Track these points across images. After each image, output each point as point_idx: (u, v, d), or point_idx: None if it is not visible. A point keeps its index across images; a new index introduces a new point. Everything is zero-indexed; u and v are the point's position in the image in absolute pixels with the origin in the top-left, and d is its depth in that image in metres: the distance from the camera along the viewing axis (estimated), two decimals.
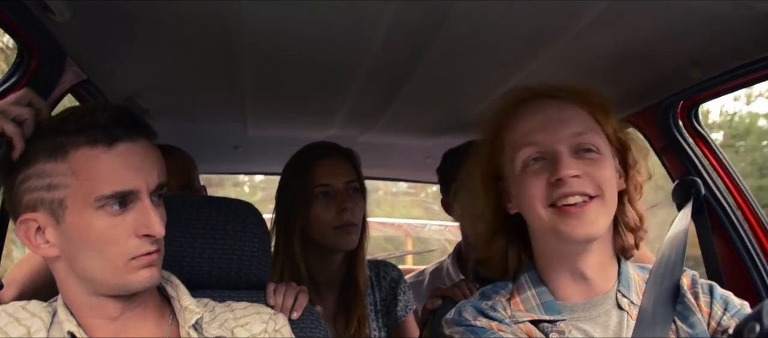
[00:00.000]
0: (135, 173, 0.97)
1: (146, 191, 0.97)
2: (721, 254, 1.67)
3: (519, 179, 1.09)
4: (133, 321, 1.04)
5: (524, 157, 1.08)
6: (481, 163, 1.17)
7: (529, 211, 1.09)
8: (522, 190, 1.08)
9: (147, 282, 1.00)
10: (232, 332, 1.10)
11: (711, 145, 1.74)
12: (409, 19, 1.32)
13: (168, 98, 1.94)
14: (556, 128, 1.07)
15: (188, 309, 1.07)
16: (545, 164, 1.07)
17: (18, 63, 1.41)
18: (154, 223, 0.97)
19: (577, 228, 1.03)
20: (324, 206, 1.70)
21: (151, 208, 0.97)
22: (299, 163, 1.77)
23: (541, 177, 1.06)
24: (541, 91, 1.13)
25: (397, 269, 1.89)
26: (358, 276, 1.74)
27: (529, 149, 1.08)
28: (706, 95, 1.64)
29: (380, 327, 1.81)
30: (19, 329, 1.00)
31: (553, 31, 1.37)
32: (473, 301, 1.15)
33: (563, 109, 1.10)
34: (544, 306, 1.10)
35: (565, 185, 1.03)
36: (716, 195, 1.71)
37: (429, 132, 2.28)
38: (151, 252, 0.98)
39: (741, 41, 1.35)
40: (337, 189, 1.71)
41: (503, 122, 1.14)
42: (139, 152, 0.98)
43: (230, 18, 1.32)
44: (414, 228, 6.10)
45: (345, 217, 1.68)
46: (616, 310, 1.10)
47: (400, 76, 1.69)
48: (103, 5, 1.28)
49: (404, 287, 1.85)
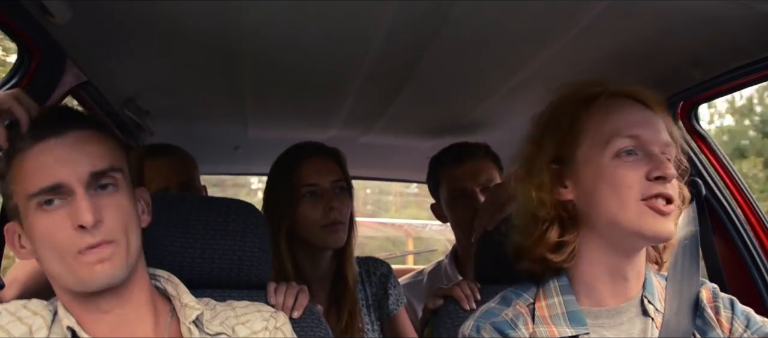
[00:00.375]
0: (62, 165, 0.95)
1: (78, 181, 0.95)
2: (721, 254, 1.67)
3: (606, 168, 1.06)
4: (130, 318, 1.03)
5: (619, 147, 1.05)
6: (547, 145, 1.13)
7: (612, 201, 1.05)
8: (609, 179, 1.05)
9: (105, 278, 0.96)
10: (232, 329, 1.10)
11: (711, 145, 1.74)
12: (408, 20, 1.32)
13: (168, 98, 1.95)
14: (655, 130, 1.08)
15: (189, 305, 1.08)
16: (641, 158, 1.05)
17: (18, 65, 1.42)
18: (81, 211, 0.93)
19: (664, 228, 1.03)
20: (311, 206, 1.71)
21: (84, 198, 0.94)
22: (285, 163, 1.78)
23: (638, 171, 1.04)
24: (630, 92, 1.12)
25: (385, 264, 1.91)
26: (347, 272, 1.76)
27: (627, 140, 1.06)
28: (706, 95, 1.64)
29: (373, 320, 1.83)
30: (21, 327, 1.00)
31: (553, 31, 1.37)
32: (494, 311, 1.13)
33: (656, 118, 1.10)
34: (570, 315, 1.08)
35: (663, 185, 1.03)
36: (717, 195, 1.71)
37: (429, 133, 2.28)
38: (93, 245, 0.95)
39: (741, 41, 1.34)
40: (324, 188, 1.72)
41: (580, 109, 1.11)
42: (66, 144, 0.97)
43: (230, 19, 1.33)
44: (415, 228, 6.10)
45: (332, 215, 1.70)
46: (640, 317, 1.09)
47: (399, 77, 1.69)
48: (103, 6, 1.28)
49: (394, 281, 1.87)
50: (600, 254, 1.09)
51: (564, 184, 1.10)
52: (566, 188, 1.10)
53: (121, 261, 0.97)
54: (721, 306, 1.11)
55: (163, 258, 1.21)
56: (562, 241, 1.10)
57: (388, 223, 6.39)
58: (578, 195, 1.09)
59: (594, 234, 1.09)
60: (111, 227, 0.96)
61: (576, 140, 1.09)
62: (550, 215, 1.10)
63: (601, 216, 1.07)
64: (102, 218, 0.95)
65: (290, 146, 1.82)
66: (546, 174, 1.10)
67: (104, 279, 0.96)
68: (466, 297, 1.44)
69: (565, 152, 1.11)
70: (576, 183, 1.09)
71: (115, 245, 0.97)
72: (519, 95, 1.77)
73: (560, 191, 1.10)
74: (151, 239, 1.12)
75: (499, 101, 1.85)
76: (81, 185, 0.95)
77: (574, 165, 1.09)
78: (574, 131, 1.10)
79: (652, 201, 1.03)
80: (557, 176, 1.11)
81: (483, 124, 2.12)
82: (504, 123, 2.10)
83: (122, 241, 0.97)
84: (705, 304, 1.12)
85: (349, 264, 1.77)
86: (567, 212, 1.10)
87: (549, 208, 1.10)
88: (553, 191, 1.10)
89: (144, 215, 1.08)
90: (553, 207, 1.10)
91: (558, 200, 1.10)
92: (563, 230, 1.10)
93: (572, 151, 1.10)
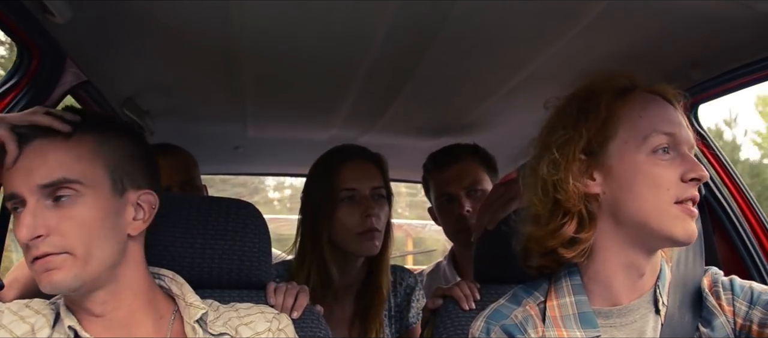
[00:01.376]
0: (18, 175, 0.96)
1: (29, 192, 0.95)
2: (721, 254, 1.67)
3: (643, 165, 1.04)
4: (123, 323, 1.03)
5: (656, 143, 1.04)
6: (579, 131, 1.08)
7: (647, 200, 1.03)
8: (646, 177, 1.03)
9: (52, 287, 0.96)
10: (236, 330, 1.10)
11: (711, 145, 1.74)
12: (409, 20, 1.32)
13: (168, 98, 1.94)
14: (686, 131, 1.07)
15: (193, 305, 1.08)
16: (675, 158, 1.04)
17: (18, 64, 1.42)
18: (21, 226, 0.94)
19: (693, 230, 1.02)
20: (348, 211, 1.67)
21: (28, 212, 0.95)
22: (325, 165, 1.74)
23: (674, 170, 1.03)
24: (661, 90, 1.11)
25: (413, 275, 1.86)
26: (381, 282, 1.72)
27: (664, 137, 1.04)
28: (706, 95, 1.64)
29: (392, 332, 1.80)
30: (23, 327, 1.01)
31: (553, 31, 1.37)
32: (503, 311, 1.11)
33: (682, 117, 1.09)
34: (581, 317, 1.07)
35: (696, 187, 1.02)
36: (716, 195, 1.71)
37: (429, 133, 2.28)
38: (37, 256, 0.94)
39: (741, 41, 1.34)
40: (363, 194, 1.68)
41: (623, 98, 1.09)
42: (27, 153, 0.97)
43: (230, 19, 1.32)
44: (414, 229, 6.10)
45: (369, 223, 1.65)
46: (652, 314, 1.08)
47: (400, 77, 1.69)
48: (102, 6, 1.28)
49: (418, 294, 1.84)
50: (620, 250, 1.07)
51: (592, 176, 1.07)
52: (594, 181, 1.06)
53: (73, 272, 0.96)
54: (720, 290, 1.10)
55: (163, 258, 1.21)
56: (577, 237, 1.06)
57: None
58: (607, 190, 1.06)
59: (618, 230, 1.06)
60: (61, 241, 0.95)
61: (612, 131, 1.06)
62: (574, 208, 1.06)
63: (632, 213, 1.04)
64: (49, 232, 0.95)
65: (289, 146, 1.81)
66: (576, 163, 1.06)
67: (51, 288, 0.97)
68: (466, 297, 1.44)
69: (599, 142, 1.06)
70: (606, 177, 1.06)
71: (67, 256, 0.96)
72: (519, 95, 1.77)
73: (587, 183, 1.07)
74: (151, 240, 1.11)
75: (499, 101, 1.85)
76: (32, 196, 0.95)
77: (606, 157, 1.06)
78: (611, 121, 1.06)
79: (685, 205, 1.02)
80: (586, 167, 1.07)
81: (483, 124, 2.12)
82: (504, 123, 2.10)
83: (77, 251, 0.96)
84: (706, 293, 1.10)
85: (383, 273, 1.73)
86: (588, 206, 1.07)
87: (575, 200, 1.06)
88: (581, 182, 1.06)
89: (136, 222, 1.04)
90: (578, 199, 1.06)
91: (584, 193, 1.07)
92: (580, 226, 1.07)
93: (606, 142, 1.06)
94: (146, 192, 1.06)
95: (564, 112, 1.11)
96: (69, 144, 0.99)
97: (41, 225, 0.95)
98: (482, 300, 1.42)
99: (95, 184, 0.99)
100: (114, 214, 1.01)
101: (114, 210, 1.01)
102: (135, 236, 1.05)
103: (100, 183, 0.99)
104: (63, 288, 0.97)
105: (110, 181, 1.01)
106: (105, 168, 1.00)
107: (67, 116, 1.00)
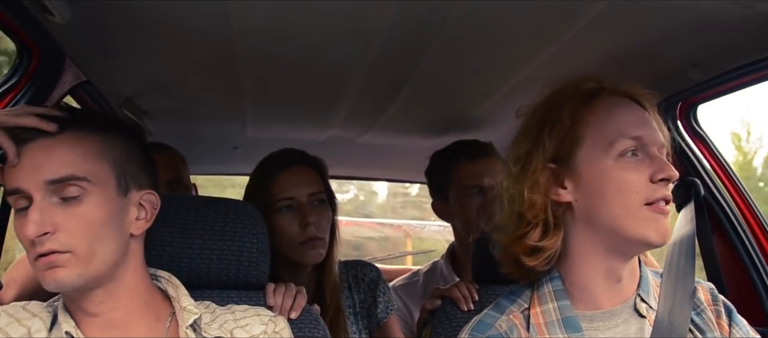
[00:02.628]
0: (23, 171, 0.96)
1: (35, 189, 0.95)
2: (721, 254, 1.67)
3: (610, 170, 1.03)
4: (119, 324, 1.03)
5: (622, 148, 1.03)
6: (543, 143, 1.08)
7: (617, 205, 1.03)
8: (614, 182, 1.03)
9: (55, 284, 0.96)
10: (231, 333, 1.10)
11: (710, 145, 1.74)
12: (408, 20, 1.32)
13: (167, 98, 1.94)
14: (654, 132, 1.06)
15: (187, 309, 1.07)
16: (643, 160, 1.04)
17: (17, 64, 1.42)
18: (28, 223, 0.94)
19: (666, 230, 1.02)
20: (287, 220, 1.64)
21: (35, 208, 0.94)
22: (262, 173, 1.71)
23: (643, 172, 1.03)
24: (628, 91, 1.11)
25: (375, 269, 1.83)
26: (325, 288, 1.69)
27: (630, 141, 1.04)
28: (706, 95, 1.64)
29: (361, 329, 1.77)
30: (20, 329, 1.00)
31: (553, 31, 1.37)
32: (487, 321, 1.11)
33: (651, 118, 1.09)
34: (565, 321, 1.07)
35: (666, 188, 1.02)
36: (716, 196, 1.71)
37: (429, 132, 2.28)
38: (42, 254, 0.94)
39: (741, 41, 1.35)
40: (301, 202, 1.65)
41: (588, 104, 1.09)
42: (32, 150, 0.97)
43: (230, 19, 1.32)
44: (413, 229, 6.09)
45: (309, 232, 1.63)
46: (635, 318, 1.07)
47: (399, 77, 1.69)
48: (102, 6, 1.28)
49: (383, 287, 1.80)
50: (597, 256, 1.07)
51: (563, 185, 1.07)
52: (566, 189, 1.07)
53: (77, 270, 0.96)
54: (721, 310, 1.10)
55: (161, 259, 1.21)
56: (539, 246, 1.07)
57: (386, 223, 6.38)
58: (579, 197, 1.06)
59: (594, 236, 1.06)
60: (66, 238, 0.95)
61: (579, 138, 1.06)
62: (537, 218, 1.07)
63: (604, 219, 1.04)
64: (55, 229, 0.95)
65: (289, 145, 1.80)
66: (542, 174, 1.07)
67: (55, 285, 0.96)
68: (464, 298, 1.44)
69: (565, 152, 1.07)
70: (577, 184, 1.06)
71: (71, 255, 0.95)
72: (519, 95, 1.76)
73: (559, 192, 1.07)
74: (148, 240, 1.11)
75: (499, 101, 1.85)
76: (39, 192, 0.95)
77: (575, 165, 1.06)
78: (576, 129, 1.07)
79: (656, 205, 1.02)
80: (555, 177, 1.07)
81: (483, 123, 2.12)
82: (504, 123, 2.09)
83: (81, 250, 0.96)
84: (704, 306, 1.11)
85: (327, 279, 1.70)
86: (555, 215, 1.07)
87: (538, 211, 1.06)
88: (548, 193, 1.07)
89: (139, 221, 1.04)
90: (542, 210, 1.06)
91: (553, 201, 1.07)
92: (544, 235, 1.07)
93: (573, 150, 1.06)
94: (148, 192, 1.06)
95: (528, 124, 1.12)
96: (75, 141, 0.98)
97: (49, 222, 0.94)
98: (481, 301, 1.42)
99: (102, 182, 0.99)
100: (119, 213, 1.01)
101: (119, 209, 1.01)
102: (137, 236, 1.05)
103: (106, 182, 0.99)
104: (67, 286, 0.97)
105: (115, 180, 1.01)
106: (111, 167, 1.00)
107: (52, 114, 0.99)
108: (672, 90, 1.64)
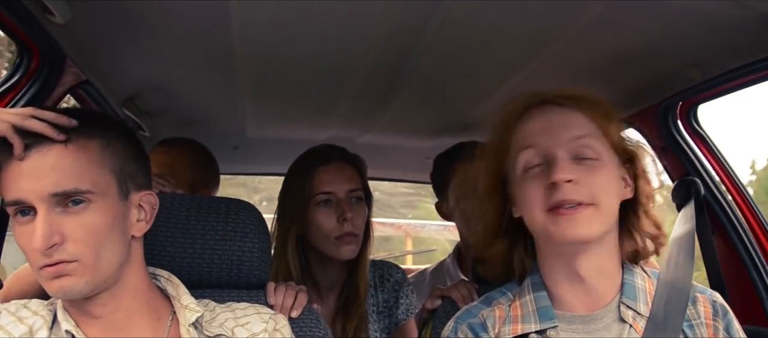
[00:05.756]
0: (26, 181, 0.94)
1: (39, 200, 0.94)
2: (721, 254, 1.67)
3: (520, 183, 1.09)
4: (121, 325, 1.03)
5: (524, 160, 1.08)
6: (487, 165, 1.16)
7: (527, 215, 1.09)
8: (522, 193, 1.09)
9: (62, 292, 0.96)
10: (232, 331, 1.10)
11: (710, 145, 1.74)
12: (408, 21, 1.32)
13: (167, 98, 1.94)
14: (556, 132, 1.07)
15: (188, 307, 1.07)
16: (544, 168, 1.06)
17: (18, 64, 1.42)
18: (35, 235, 0.92)
19: (567, 230, 1.03)
20: (325, 215, 1.66)
21: (42, 220, 0.93)
22: (302, 167, 1.72)
23: (540, 181, 1.06)
24: (546, 96, 1.12)
25: (401, 271, 1.85)
26: (359, 284, 1.71)
27: (529, 151, 1.08)
28: (706, 95, 1.64)
29: (381, 328, 1.79)
30: (21, 328, 1.00)
31: (553, 32, 1.37)
32: (472, 311, 1.17)
33: (566, 114, 1.09)
34: (539, 312, 1.09)
35: (558, 191, 1.03)
36: (716, 195, 1.71)
37: (428, 133, 2.28)
38: (50, 264, 0.94)
39: (741, 41, 1.35)
40: (339, 198, 1.67)
41: (509, 125, 1.13)
42: (32, 157, 0.95)
43: (230, 19, 1.33)
44: (414, 228, 6.09)
45: (345, 227, 1.64)
46: (617, 324, 1.07)
47: (399, 78, 1.69)
48: (102, 6, 1.28)
49: (407, 290, 1.82)
50: (551, 262, 1.12)
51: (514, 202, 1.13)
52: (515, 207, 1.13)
53: (84, 279, 0.96)
54: (720, 328, 1.09)
55: (163, 258, 1.21)
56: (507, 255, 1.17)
57: (387, 223, 6.37)
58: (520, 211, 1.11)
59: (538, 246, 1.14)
60: (73, 248, 0.95)
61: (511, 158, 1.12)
62: (497, 234, 1.16)
63: (530, 229, 1.11)
64: (63, 239, 0.94)
65: (289, 146, 1.81)
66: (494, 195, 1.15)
67: (62, 293, 0.96)
68: (464, 298, 1.44)
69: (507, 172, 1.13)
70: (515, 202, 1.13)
71: (78, 263, 0.95)
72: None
73: (513, 209, 1.13)
74: (150, 240, 1.11)
75: (499, 101, 1.85)
76: (43, 204, 0.94)
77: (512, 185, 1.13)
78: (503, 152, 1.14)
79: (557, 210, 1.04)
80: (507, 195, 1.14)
81: (483, 124, 2.11)
82: None
83: (87, 258, 0.96)
84: (702, 320, 1.09)
85: (361, 276, 1.72)
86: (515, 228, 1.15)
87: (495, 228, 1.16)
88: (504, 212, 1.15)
89: (140, 223, 1.04)
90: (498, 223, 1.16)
91: (511, 217, 1.14)
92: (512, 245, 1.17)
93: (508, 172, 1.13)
94: (147, 193, 1.05)
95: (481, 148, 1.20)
96: (77, 151, 0.97)
97: (56, 233, 0.94)
98: None
99: (104, 190, 0.98)
100: (121, 217, 1.00)
101: (121, 214, 1.00)
102: (138, 237, 1.05)
103: (108, 189, 0.99)
104: (74, 295, 0.97)
105: (117, 185, 1.00)
106: (112, 172, 1.00)
107: (61, 122, 0.97)
108: (672, 90, 1.64)
